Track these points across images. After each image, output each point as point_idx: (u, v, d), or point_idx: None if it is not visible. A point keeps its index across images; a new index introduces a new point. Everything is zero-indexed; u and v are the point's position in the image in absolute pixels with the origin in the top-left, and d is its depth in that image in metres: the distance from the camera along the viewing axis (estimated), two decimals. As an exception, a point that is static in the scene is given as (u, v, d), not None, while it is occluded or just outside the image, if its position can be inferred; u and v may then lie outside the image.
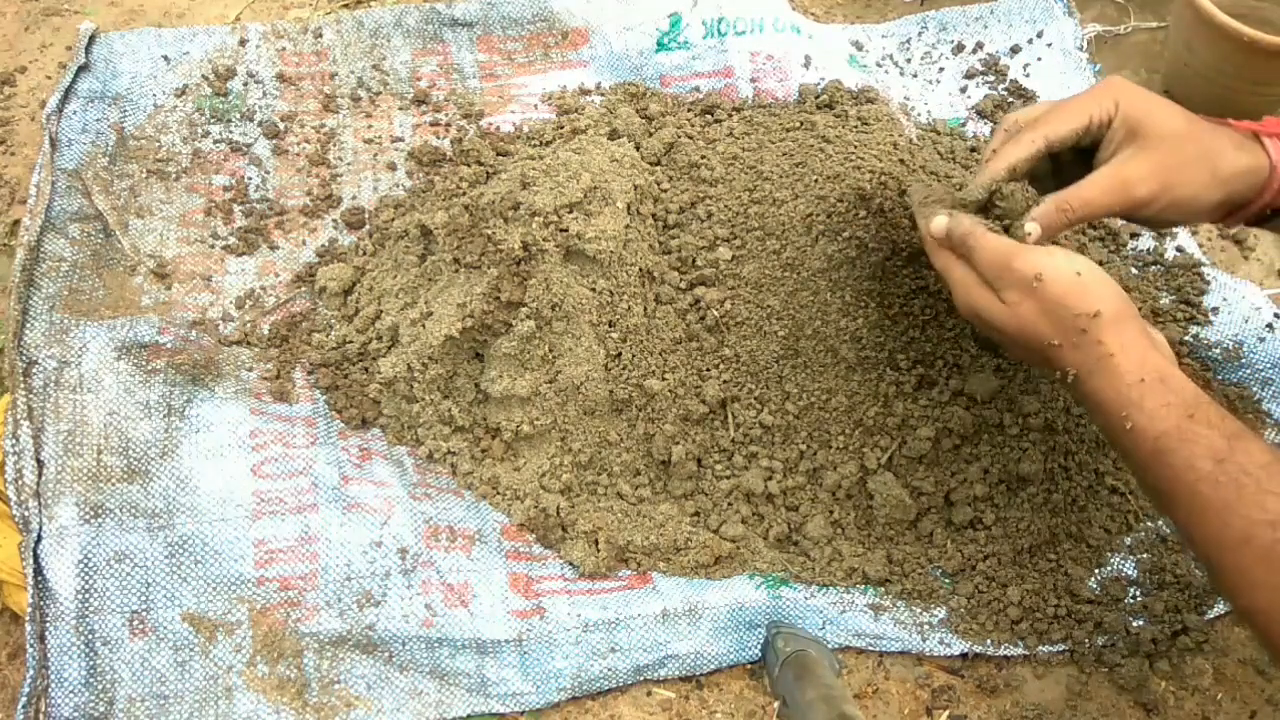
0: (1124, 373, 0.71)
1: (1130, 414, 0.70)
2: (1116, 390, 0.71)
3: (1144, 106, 0.79)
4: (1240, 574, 0.66)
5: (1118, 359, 0.72)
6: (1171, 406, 0.70)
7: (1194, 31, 1.22)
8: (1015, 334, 0.75)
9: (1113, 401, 0.71)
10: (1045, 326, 0.73)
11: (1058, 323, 0.73)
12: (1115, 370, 0.71)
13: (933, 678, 0.91)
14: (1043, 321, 0.73)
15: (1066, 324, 0.73)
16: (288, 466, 0.93)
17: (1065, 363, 0.73)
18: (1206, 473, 0.67)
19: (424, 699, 0.86)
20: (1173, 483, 0.68)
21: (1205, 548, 0.68)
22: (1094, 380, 0.72)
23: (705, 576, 0.93)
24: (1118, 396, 0.71)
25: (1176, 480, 0.68)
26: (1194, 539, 0.69)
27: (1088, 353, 0.72)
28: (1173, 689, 0.91)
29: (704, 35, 1.22)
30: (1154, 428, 0.69)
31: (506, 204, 0.94)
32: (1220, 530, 0.66)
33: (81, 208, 1.07)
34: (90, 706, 0.82)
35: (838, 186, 0.94)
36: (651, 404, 0.96)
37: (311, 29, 1.24)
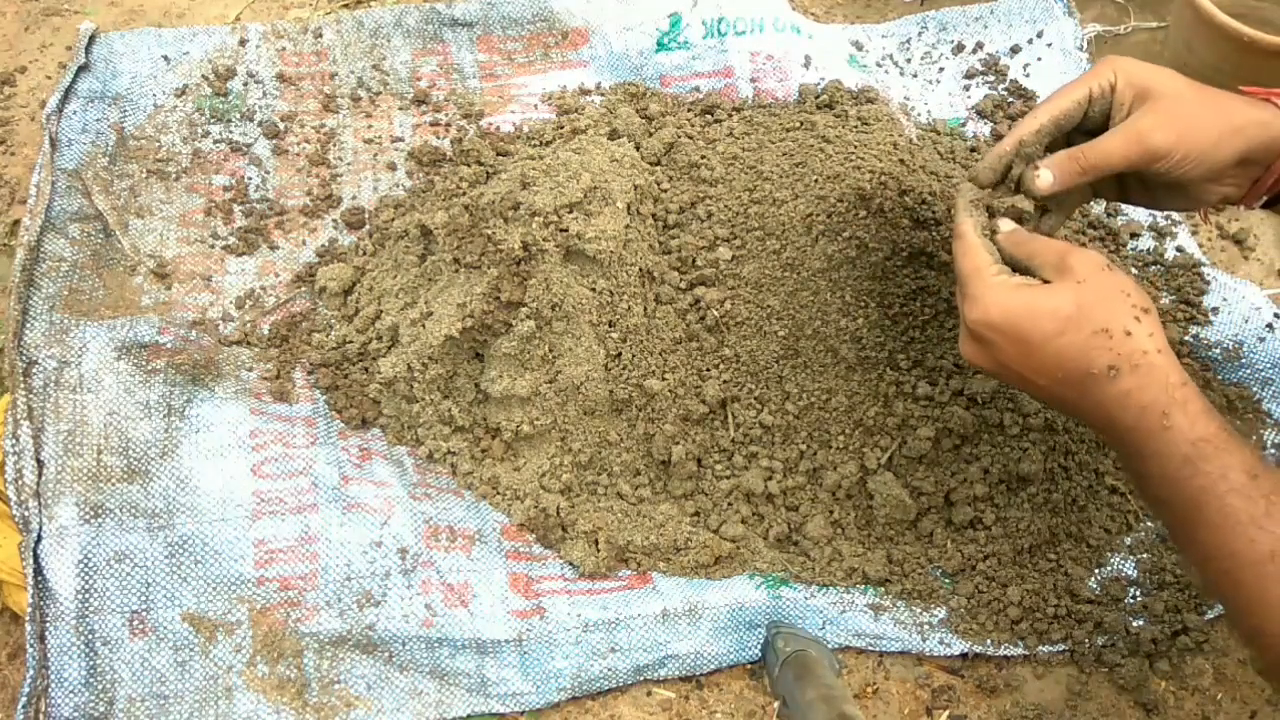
0: (1170, 372, 0.68)
1: (1172, 414, 0.67)
2: (1162, 389, 0.68)
3: (1146, 71, 0.77)
4: (1258, 593, 0.64)
5: (1165, 358, 0.69)
6: (1211, 415, 0.67)
7: (1194, 31, 1.22)
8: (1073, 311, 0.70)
9: (1152, 401, 0.68)
10: (1102, 311, 0.69)
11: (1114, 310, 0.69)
12: (1162, 368, 0.68)
13: (933, 678, 0.91)
14: (1100, 306, 0.69)
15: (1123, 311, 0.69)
16: (288, 466, 0.93)
17: (1105, 359, 0.69)
18: (1240, 485, 0.65)
19: (424, 699, 0.86)
20: (1203, 491, 0.65)
21: (1224, 563, 0.65)
22: (1136, 375, 0.68)
23: (705, 576, 0.93)
24: (1162, 396, 0.67)
25: (1208, 489, 0.65)
26: (1211, 554, 0.66)
27: (1136, 345, 0.69)
28: (1173, 689, 0.91)
29: (704, 35, 1.22)
30: (1194, 431, 0.66)
31: (506, 204, 0.94)
32: (1246, 546, 0.64)
33: (81, 208, 1.07)
34: (90, 706, 0.82)
35: (838, 186, 0.94)
36: (651, 404, 0.96)
37: (311, 29, 1.24)
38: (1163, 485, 0.68)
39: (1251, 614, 0.64)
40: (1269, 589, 0.63)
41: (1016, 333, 0.71)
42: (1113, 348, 0.69)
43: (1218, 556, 0.65)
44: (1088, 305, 0.70)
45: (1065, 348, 0.70)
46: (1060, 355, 0.70)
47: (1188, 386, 0.68)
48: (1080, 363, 0.69)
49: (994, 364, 0.74)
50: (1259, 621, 0.64)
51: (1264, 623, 0.64)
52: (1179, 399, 0.67)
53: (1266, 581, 0.63)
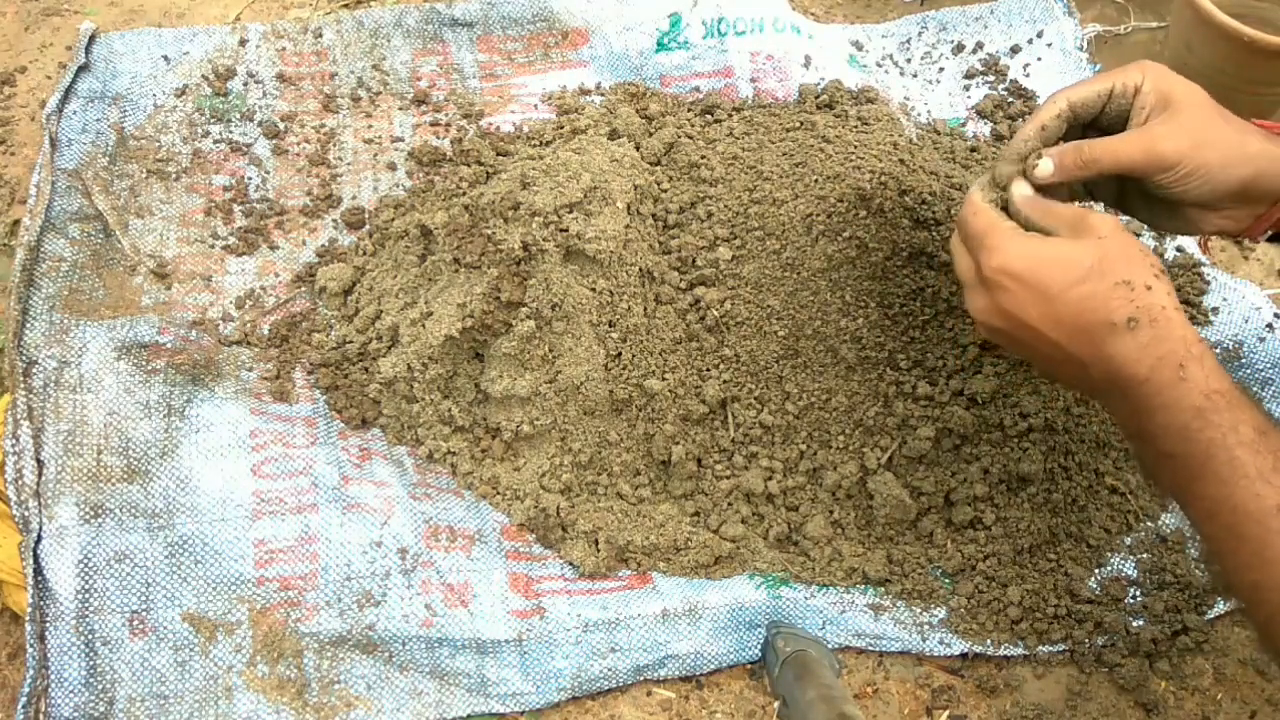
0: (1187, 328, 0.69)
1: (1189, 366, 0.67)
2: (1180, 341, 0.68)
3: (1175, 81, 0.77)
4: (1261, 546, 0.64)
5: (1182, 316, 0.69)
6: (1224, 372, 0.68)
7: (1194, 31, 1.22)
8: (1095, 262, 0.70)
9: (1169, 353, 0.68)
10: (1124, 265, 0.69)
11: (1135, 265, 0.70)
12: (1180, 324, 0.69)
13: (933, 678, 0.91)
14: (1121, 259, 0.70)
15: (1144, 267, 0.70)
16: (288, 466, 0.93)
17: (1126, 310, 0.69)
18: (1249, 439, 0.65)
19: (424, 699, 0.86)
20: (1212, 444, 0.66)
21: (1227, 518, 0.65)
22: (1155, 328, 0.68)
23: (705, 576, 0.93)
24: (1180, 349, 0.68)
25: (1217, 442, 0.65)
26: (1215, 509, 0.66)
27: (1155, 300, 0.69)
28: (1173, 689, 0.91)
29: (704, 35, 1.22)
30: (1208, 384, 0.67)
31: (506, 204, 0.94)
32: (1251, 499, 0.64)
33: (81, 208, 1.07)
34: (90, 706, 0.82)
35: (838, 186, 0.94)
36: (651, 404, 0.96)
37: (311, 29, 1.24)
38: (1171, 438, 0.68)
39: (1252, 569, 0.65)
40: (1271, 543, 0.63)
41: (1037, 280, 0.71)
42: (1134, 299, 0.69)
43: (1222, 511, 0.66)
44: (1110, 258, 0.70)
45: (1087, 296, 0.70)
46: (1081, 303, 0.70)
47: (1203, 344, 0.69)
48: (1101, 313, 0.69)
49: (1004, 318, 0.73)
50: (1259, 576, 0.64)
51: (1264, 577, 0.64)
52: (1195, 353, 0.68)
53: (1270, 536, 0.63)
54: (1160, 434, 0.69)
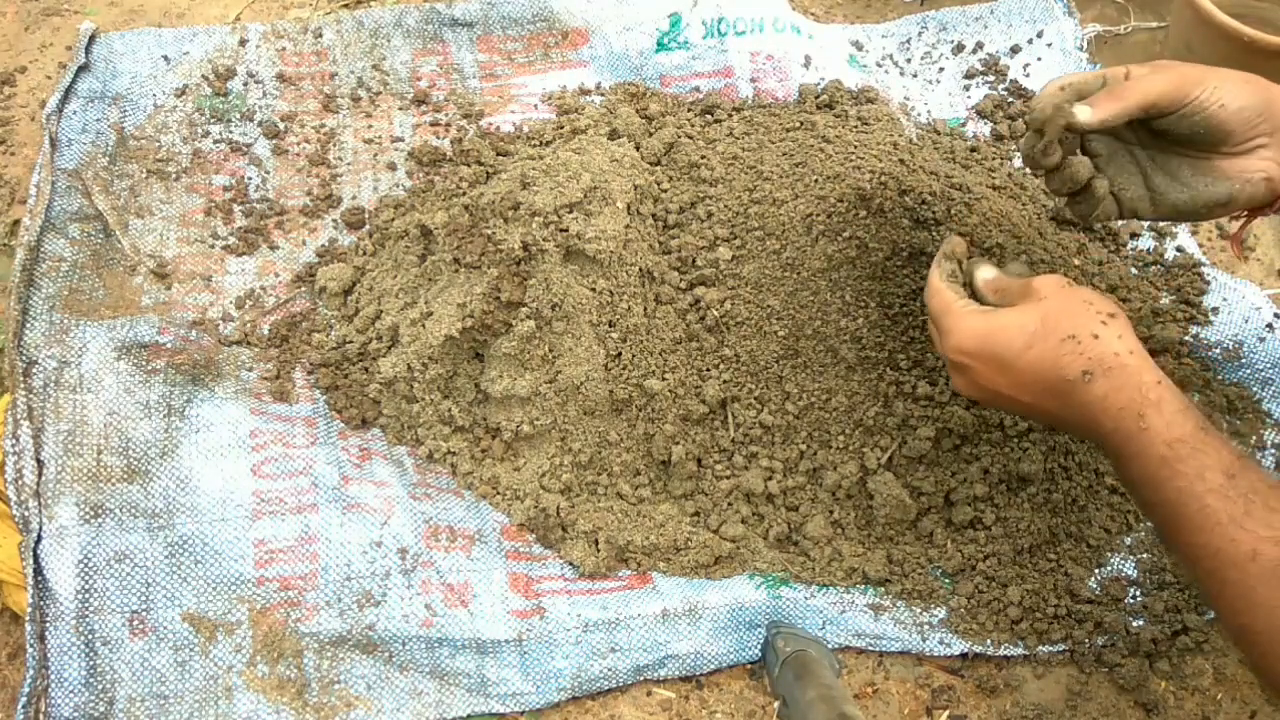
0: (1144, 372, 0.69)
1: (1148, 415, 0.68)
2: (1136, 389, 0.69)
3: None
4: (1243, 592, 0.64)
5: (1137, 359, 0.70)
6: (1188, 414, 0.68)
7: (1194, 31, 1.22)
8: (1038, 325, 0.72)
9: (1128, 402, 0.69)
10: (1067, 321, 0.71)
11: (1078, 318, 0.71)
12: (1135, 369, 0.69)
13: (933, 678, 0.91)
14: (1064, 316, 0.72)
15: (1087, 318, 0.71)
16: (288, 466, 0.93)
17: (1078, 364, 0.70)
18: (1218, 485, 0.65)
19: (424, 699, 0.86)
20: (1181, 493, 0.66)
21: (1208, 563, 0.65)
22: (1110, 378, 0.69)
23: (705, 576, 0.93)
24: (1136, 396, 0.68)
25: (1186, 490, 0.66)
26: (1196, 555, 0.66)
27: (1106, 348, 0.70)
28: (1173, 689, 0.91)
29: (704, 35, 1.22)
30: (1169, 432, 0.67)
31: (506, 204, 0.94)
32: (1227, 545, 0.64)
33: (81, 208, 1.07)
34: (90, 706, 0.82)
35: (838, 186, 0.94)
36: (651, 404, 0.96)
37: (311, 29, 1.24)
38: (1145, 487, 0.69)
39: (1238, 613, 0.65)
40: (1254, 588, 0.63)
41: (990, 353, 0.74)
42: (1083, 352, 0.71)
43: (1202, 557, 0.66)
44: (1051, 317, 0.73)
45: (1037, 359, 0.72)
46: (1034, 367, 0.73)
47: (1163, 385, 0.69)
48: (1054, 371, 0.72)
49: (980, 390, 0.77)
50: (1247, 620, 0.64)
51: (1252, 621, 0.64)
52: (1153, 399, 0.69)
53: (1250, 580, 0.63)
54: (1136, 482, 0.70)
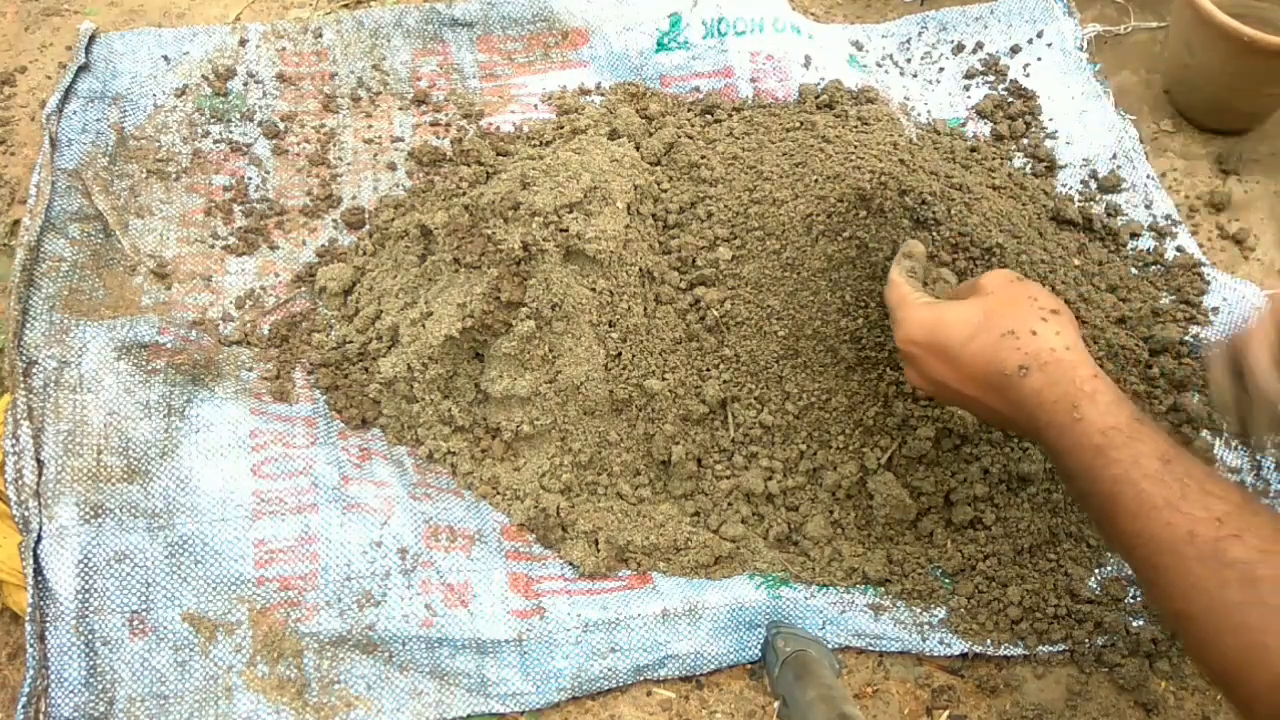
0: (1079, 366, 0.71)
1: (1082, 406, 0.69)
2: (1070, 383, 0.70)
3: None
4: (1179, 575, 0.63)
5: (1074, 354, 0.72)
6: (1121, 404, 0.70)
7: (1194, 31, 1.22)
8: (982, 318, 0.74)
9: (1063, 395, 0.70)
10: (1009, 316, 0.74)
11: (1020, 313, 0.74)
12: (1070, 364, 0.71)
13: (933, 678, 0.91)
14: (1006, 311, 0.74)
15: (1029, 314, 0.73)
16: (288, 466, 0.93)
17: (1015, 359, 0.72)
18: (1153, 470, 0.65)
19: (424, 699, 0.86)
20: (1116, 480, 0.67)
21: (1145, 549, 0.65)
22: (1046, 372, 0.71)
23: (705, 576, 0.93)
24: (1071, 389, 0.70)
25: (1120, 478, 0.66)
26: (1132, 542, 0.66)
27: (1043, 344, 0.72)
28: (1173, 689, 0.91)
29: (704, 35, 1.22)
30: (1104, 421, 0.68)
31: (506, 204, 0.94)
32: (1162, 529, 0.64)
33: (81, 208, 1.07)
34: (90, 706, 0.82)
35: (838, 186, 0.94)
36: (651, 404, 0.96)
37: (311, 29, 1.24)
38: (1081, 478, 0.69)
39: (1174, 597, 0.64)
40: (1189, 569, 0.63)
41: (934, 343, 0.77)
42: (1020, 347, 0.73)
43: (1137, 544, 0.66)
44: (994, 311, 0.75)
45: (979, 352, 0.75)
46: (975, 359, 0.75)
47: (1098, 379, 0.71)
48: (994, 364, 0.74)
49: (929, 382, 0.79)
50: (1182, 605, 0.63)
51: (1187, 605, 0.63)
52: (1088, 391, 0.70)
53: (1186, 563, 0.63)
54: (1072, 475, 0.70)
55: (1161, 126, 1.30)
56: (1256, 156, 1.28)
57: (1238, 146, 1.28)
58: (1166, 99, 1.32)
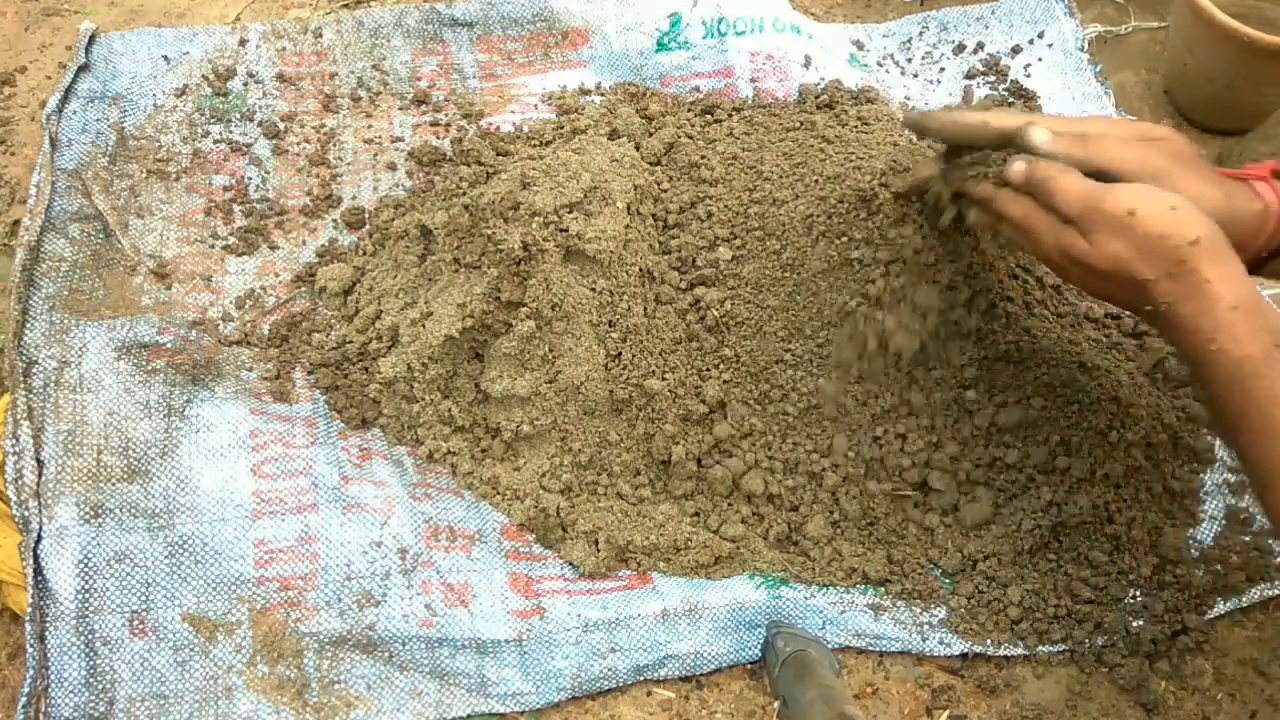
0: (1219, 298, 0.71)
1: (1218, 338, 0.71)
2: (1210, 314, 0.71)
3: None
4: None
5: (1215, 285, 0.72)
6: (1259, 333, 0.71)
7: (1194, 32, 1.22)
8: (1108, 273, 0.74)
9: (1203, 327, 0.72)
10: (1141, 262, 0.72)
11: (1154, 257, 0.72)
12: (1210, 296, 0.72)
13: (933, 678, 0.91)
14: (1138, 258, 0.73)
15: (1164, 256, 0.72)
16: (288, 466, 0.93)
17: (1159, 295, 0.72)
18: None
19: (424, 699, 0.86)
20: (1246, 406, 0.70)
21: (1269, 472, 0.69)
22: (1187, 306, 0.72)
23: (705, 576, 0.93)
24: (1210, 321, 0.71)
25: (1250, 404, 0.70)
26: (1258, 464, 0.70)
27: (1184, 281, 0.72)
28: (1173, 689, 0.91)
29: (704, 35, 1.22)
30: (1239, 351, 0.70)
31: (506, 204, 0.94)
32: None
33: (81, 208, 1.07)
34: (90, 706, 0.82)
35: (838, 187, 0.94)
36: (651, 404, 0.96)
37: (311, 29, 1.24)
38: (1219, 403, 0.73)
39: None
40: None
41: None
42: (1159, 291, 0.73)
43: (1263, 467, 0.71)
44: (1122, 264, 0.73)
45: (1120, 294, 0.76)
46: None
47: (1238, 310, 0.71)
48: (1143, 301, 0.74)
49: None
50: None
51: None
52: (1225, 323, 0.71)
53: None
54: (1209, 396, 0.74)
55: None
56: (1256, 156, 1.28)
57: (1238, 146, 1.28)
58: (1166, 99, 1.32)
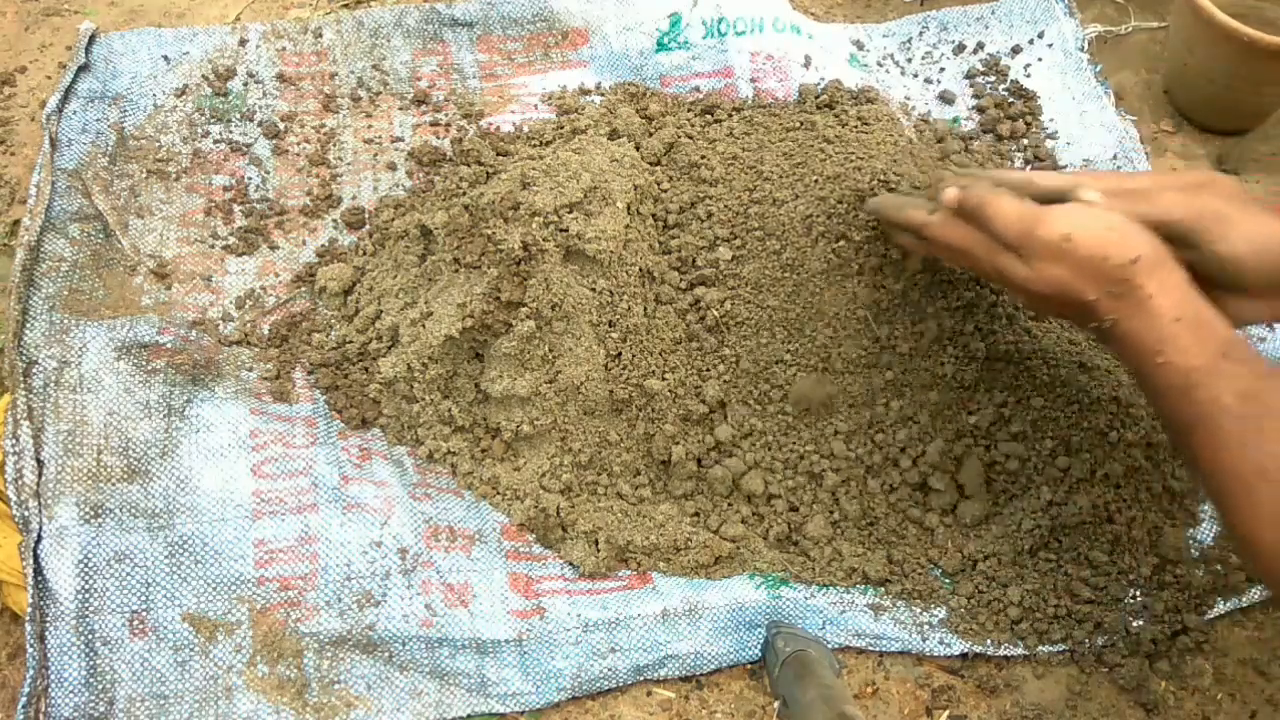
0: (1163, 312, 0.72)
1: (1165, 350, 0.71)
2: (1154, 329, 0.72)
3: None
4: (1252, 509, 0.68)
5: (1157, 300, 0.72)
6: (1205, 343, 0.71)
7: (1194, 31, 1.22)
8: (1050, 296, 0.74)
9: (1149, 341, 0.72)
10: (1081, 284, 0.73)
11: (1095, 277, 0.73)
12: (1154, 311, 0.72)
13: (933, 678, 0.91)
14: (1078, 279, 0.73)
15: (1105, 276, 0.73)
16: (288, 466, 0.93)
17: (1103, 313, 0.73)
18: (1230, 407, 0.69)
19: (424, 699, 0.86)
20: (1196, 418, 0.70)
21: (1221, 480, 0.70)
22: (1132, 322, 0.73)
23: (705, 576, 0.93)
24: (1155, 335, 0.72)
25: (1200, 415, 0.70)
26: (1210, 473, 0.70)
27: (1127, 299, 0.73)
28: (1173, 689, 0.91)
29: (704, 35, 1.22)
30: (1186, 363, 0.71)
31: (506, 204, 0.94)
32: (1237, 463, 0.68)
33: (81, 208, 1.07)
34: (90, 706, 0.82)
35: (838, 187, 0.94)
36: (651, 404, 0.96)
37: (311, 29, 1.24)
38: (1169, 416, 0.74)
39: (1243, 524, 0.69)
40: (1260, 505, 0.68)
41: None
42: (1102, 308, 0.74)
43: (1215, 476, 0.70)
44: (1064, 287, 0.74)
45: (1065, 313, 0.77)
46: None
47: (1181, 322, 0.72)
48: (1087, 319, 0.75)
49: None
50: (1249, 531, 0.69)
51: (1253, 532, 0.69)
52: (1170, 335, 0.72)
53: (1255, 495, 0.68)
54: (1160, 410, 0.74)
55: (1161, 126, 1.30)
56: (1256, 156, 1.28)
57: (1238, 146, 1.28)
58: (1166, 99, 1.32)
